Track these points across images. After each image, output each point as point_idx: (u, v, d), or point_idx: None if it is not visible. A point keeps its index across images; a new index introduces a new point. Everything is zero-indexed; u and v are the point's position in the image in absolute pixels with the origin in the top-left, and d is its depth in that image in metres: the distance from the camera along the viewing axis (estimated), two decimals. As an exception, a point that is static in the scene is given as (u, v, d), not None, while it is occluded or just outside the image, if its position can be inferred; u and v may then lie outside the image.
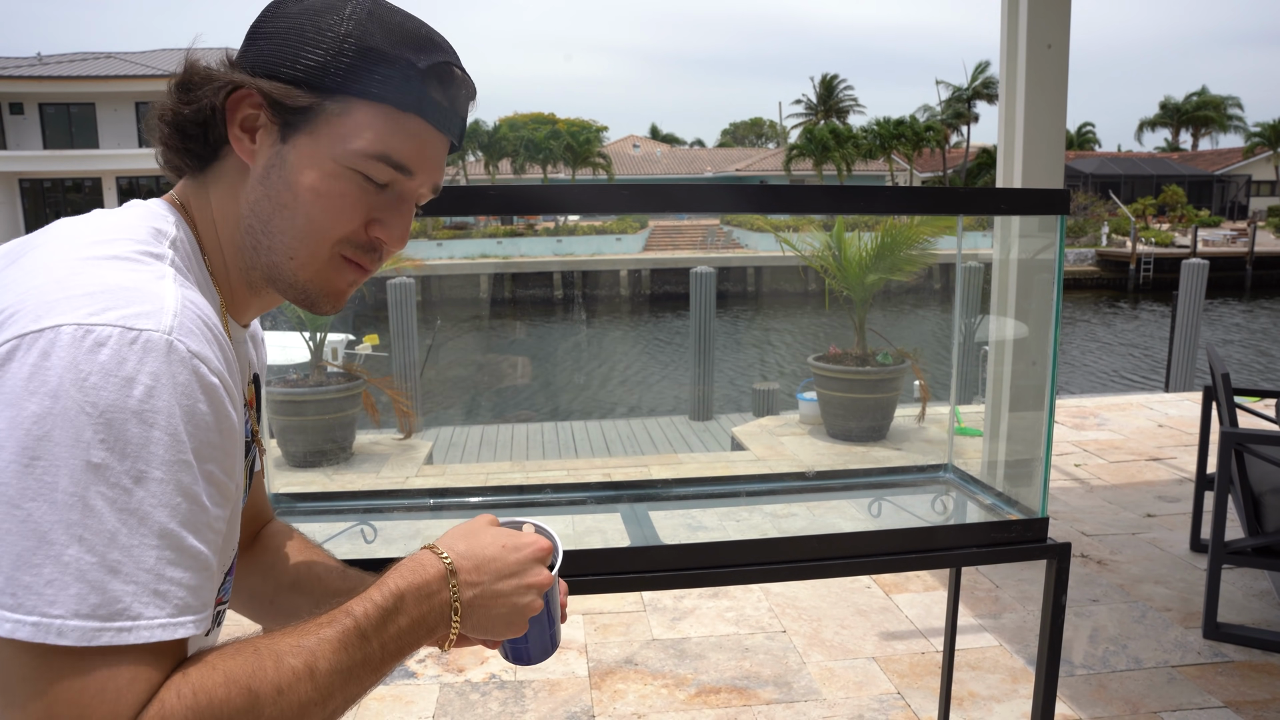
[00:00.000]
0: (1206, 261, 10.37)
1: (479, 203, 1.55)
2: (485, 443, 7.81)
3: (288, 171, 0.76)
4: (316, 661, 0.68)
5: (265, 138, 0.76)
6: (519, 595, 0.83)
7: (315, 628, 0.70)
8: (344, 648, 0.70)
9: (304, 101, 0.75)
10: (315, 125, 0.76)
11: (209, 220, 0.80)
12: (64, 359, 0.60)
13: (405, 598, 0.76)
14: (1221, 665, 2.91)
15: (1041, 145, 3.84)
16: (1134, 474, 4.96)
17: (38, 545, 0.58)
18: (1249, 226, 32.93)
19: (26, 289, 0.64)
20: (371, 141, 0.76)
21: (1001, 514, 1.87)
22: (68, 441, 0.59)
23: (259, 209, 0.77)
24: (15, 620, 0.57)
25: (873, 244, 6.74)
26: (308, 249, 0.78)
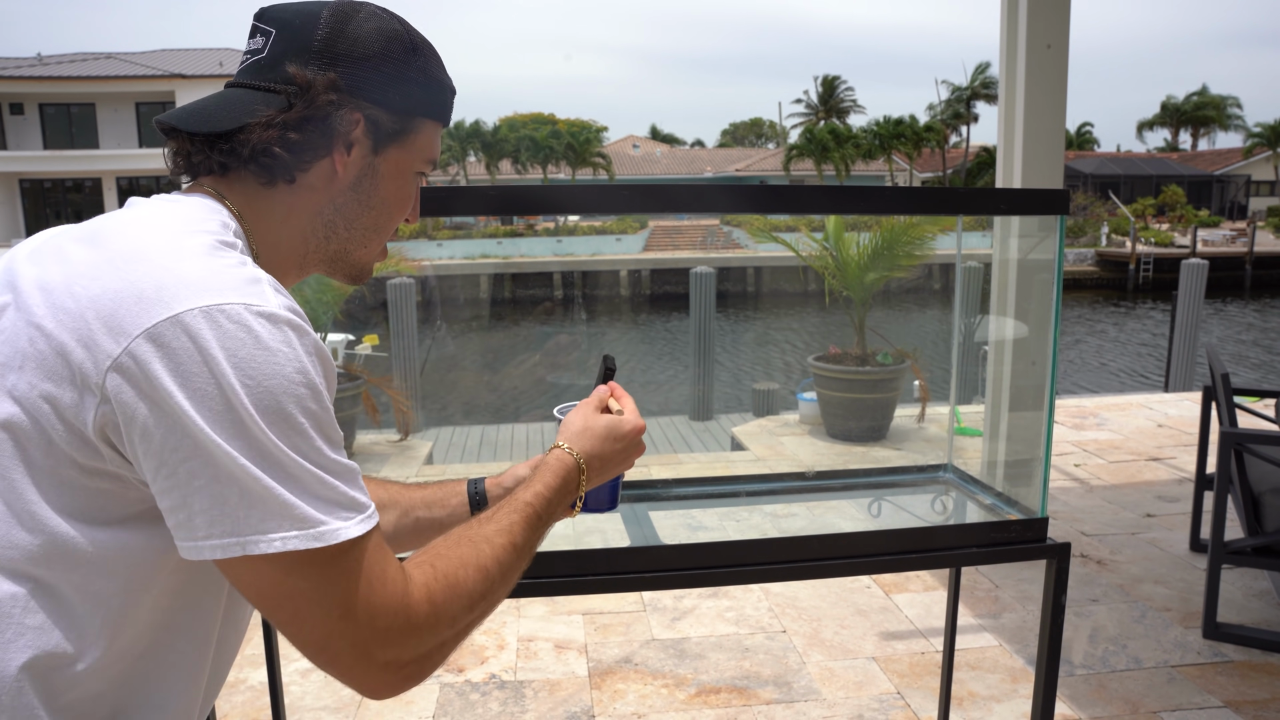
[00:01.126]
0: (1206, 261, 10.38)
1: (479, 203, 1.55)
2: (485, 443, 7.81)
3: (379, 180, 0.92)
4: (515, 538, 0.91)
5: (359, 152, 0.89)
6: (623, 466, 1.12)
7: (505, 515, 0.92)
8: (529, 526, 0.94)
9: (399, 126, 0.90)
10: (403, 142, 0.92)
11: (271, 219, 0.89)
12: (207, 338, 0.70)
13: (558, 489, 1.00)
14: (1221, 665, 2.92)
15: (1041, 145, 3.84)
16: (1134, 474, 4.96)
17: (261, 488, 0.70)
18: (1248, 226, 32.94)
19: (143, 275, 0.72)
20: (432, 151, 0.96)
21: (1001, 514, 1.87)
22: (241, 408, 0.70)
23: (347, 210, 0.91)
24: (284, 537, 0.71)
25: (871, 244, 6.74)
26: (380, 238, 0.96)
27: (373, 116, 0.88)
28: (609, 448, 1.08)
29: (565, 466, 1.03)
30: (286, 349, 0.72)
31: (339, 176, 0.89)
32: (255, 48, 0.88)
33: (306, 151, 0.86)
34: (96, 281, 0.73)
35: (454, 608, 0.81)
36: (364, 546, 0.75)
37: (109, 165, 32.57)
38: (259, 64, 0.87)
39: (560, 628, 3.24)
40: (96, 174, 33.13)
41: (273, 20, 0.88)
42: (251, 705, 2.71)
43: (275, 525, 0.70)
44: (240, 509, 0.70)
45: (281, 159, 0.85)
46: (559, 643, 3.13)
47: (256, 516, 0.70)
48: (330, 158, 0.88)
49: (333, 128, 0.86)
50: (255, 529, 0.70)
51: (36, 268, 0.77)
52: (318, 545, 0.71)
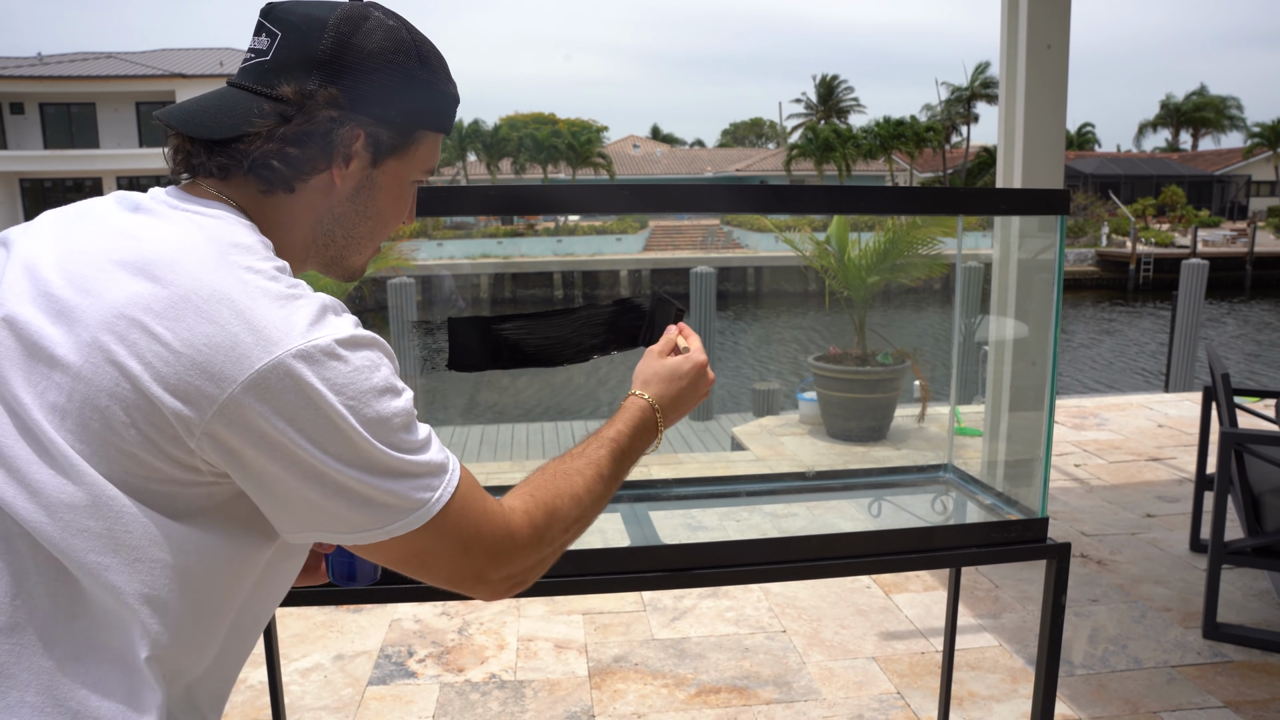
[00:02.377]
0: (1206, 262, 10.37)
1: (479, 202, 1.55)
2: (485, 442, 7.81)
3: (376, 191, 0.93)
4: (602, 469, 1.01)
5: (358, 164, 0.90)
6: (695, 399, 1.18)
7: (594, 449, 1.02)
8: (614, 459, 1.03)
9: (399, 139, 0.92)
10: (402, 154, 0.93)
11: (276, 226, 0.90)
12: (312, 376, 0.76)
13: (637, 427, 1.09)
14: (1221, 665, 2.92)
15: (1041, 145, 3.84)
16: (1134, 474, 4.96)
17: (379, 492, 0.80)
18: (1249, 227, 32.92)
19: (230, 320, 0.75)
20: (431, 161, 0.97)
21: (1001, 514, 1.87)
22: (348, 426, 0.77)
23: (345, 220, 0.93)
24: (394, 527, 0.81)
25: (874, 245, 6.73)
26: (374, 245, 0.98)
27: (373, 132, 0.89)
28: (675, 387, 1.16)
29: (640, 409, 1.12)
30: (369, 363, 0.80)
31: (337, 188, 0.90)
32: (259, 48, 0.88)
33: (305, 164, 0.87)
34: (182, 326, 0.75)
35: (552, 530, 0.93)
36: (460, 496, 0.85)
37: (109, 165, 32.55)
38: (262, 67, 0.87)
39: (560, 627, 3.24)
40: (97, 174, 33.11)
41: (280, 21, 0.87)
42: (251, 705, 2.71)
43: (394, 516, 0.81)
44: (364, 513, 0.80)
45: (280, 172, 0.86)
46: (559, 642, 3.14)
47: (376, 514, 0.80)
48: (329, 171, 0.89)
49: (332, 142, 0.87)
50: (379, 524, 0.81)
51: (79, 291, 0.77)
52: (429, 518, 0.82)
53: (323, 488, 0.78)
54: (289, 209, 0.90)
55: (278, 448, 0.76)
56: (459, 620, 3.30)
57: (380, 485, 0.80)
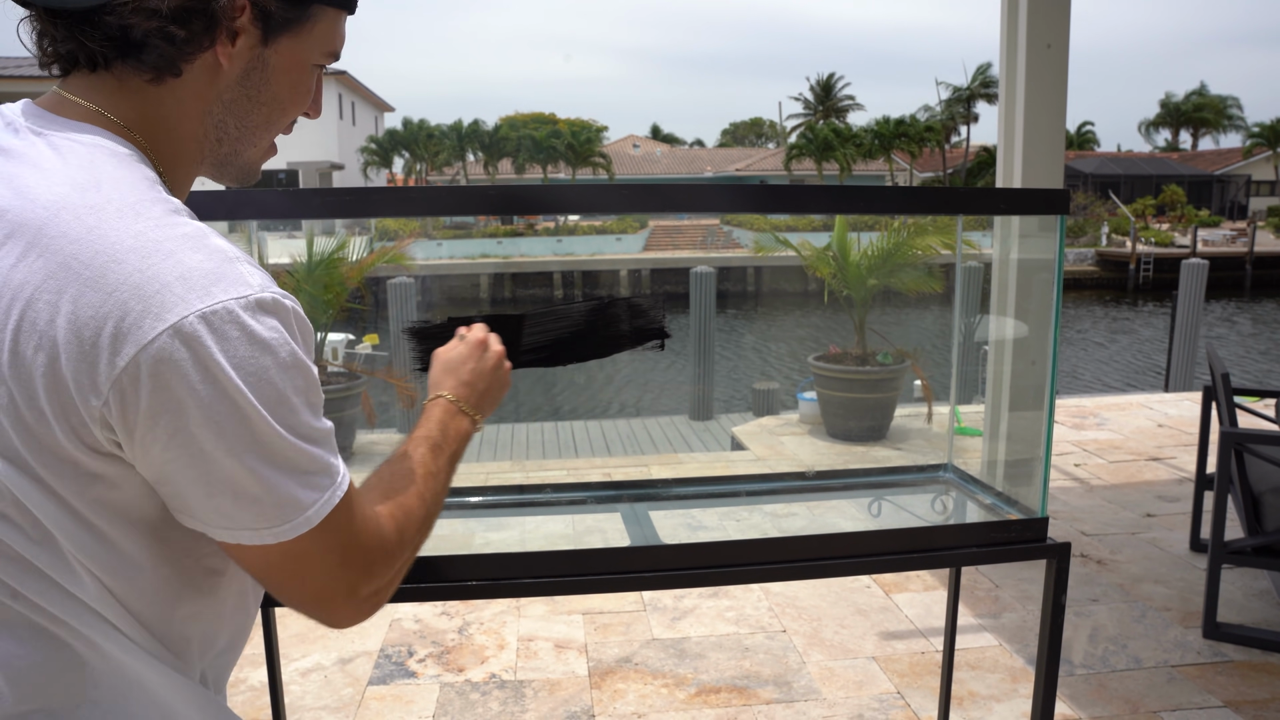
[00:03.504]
0: (1206, 261, 10.37)
1: (479, 202, 1.55)
2: (485, 442, 7.81)
3: (269, 73, 0.83)
4: (429, 466, 0.95)
5: (245, 41, 0.80)
6: (495, 373, 1.15)
7: (413, 449, 0.96)
8: (434, 453, 0.98)
9: (291, 14, 0.82)
10: (296, 31, 0.83)
11: (164, 126, 0.81)
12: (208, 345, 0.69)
13: (445, 418, 1.05)
14: (1221, 665, 2.92)
15: (1041, 145, 3.84)
16: (1134, 474, 4.96)
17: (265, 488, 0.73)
18: (1249, 226, 32.91)
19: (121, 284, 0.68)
20: (333, 43, 0.87)
21: (1001, 514, 1.87)
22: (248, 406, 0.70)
23: (235, 108, 0.83)
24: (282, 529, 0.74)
25: (876, 248, 6.73)
26: (269, 136, 0.88)
27: (262, 4, 0.80)
28: (461, 371, 1.12)
29: (435, 405, 1.07)
30: (277, 335, 0.72)
31: (224, 70, 0.80)
32: None
33: (188, 41, 0.77)
34: (65, 299, 0.68)
35: (410, 531, 0.88)
36: (349, 497, 0.79)
37: (109, 165, 32.53)
38: None
39: (560, 627, 3.24)
40: (96, 174, 33.10)
41: None
42: (251, 705, 2.71)
43: (284, 516, 0.74)
44: (251, 511, 0.73)
45: (162, 51, 0.76)
46: (559, 642, 3.14)
47: (263, 512, 0.74)
48: (214, 50, 0.79)
49: (213, 14, 0.77)
50: (266, 524, 0.74)
51: None
52: (318, 521, 0.76)
53: (209, 477, 0.71)
54: (175, 99, 0.80)
55: (166, 428, 0.69)
56: (459, 620, 3.30)
57: (273, 479, 0.72)
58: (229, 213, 1.46)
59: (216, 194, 1.41)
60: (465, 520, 1.99)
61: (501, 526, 1.96)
